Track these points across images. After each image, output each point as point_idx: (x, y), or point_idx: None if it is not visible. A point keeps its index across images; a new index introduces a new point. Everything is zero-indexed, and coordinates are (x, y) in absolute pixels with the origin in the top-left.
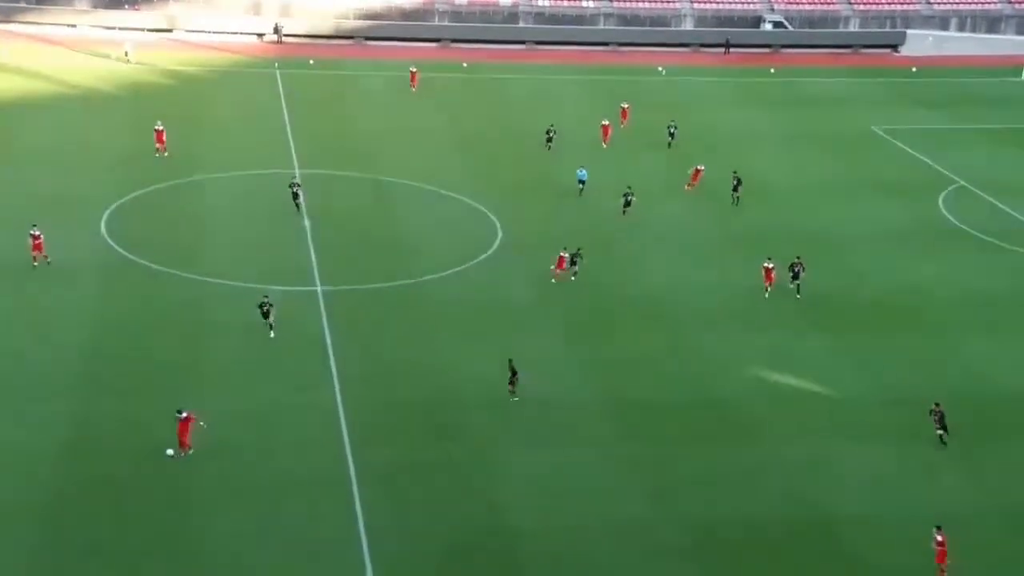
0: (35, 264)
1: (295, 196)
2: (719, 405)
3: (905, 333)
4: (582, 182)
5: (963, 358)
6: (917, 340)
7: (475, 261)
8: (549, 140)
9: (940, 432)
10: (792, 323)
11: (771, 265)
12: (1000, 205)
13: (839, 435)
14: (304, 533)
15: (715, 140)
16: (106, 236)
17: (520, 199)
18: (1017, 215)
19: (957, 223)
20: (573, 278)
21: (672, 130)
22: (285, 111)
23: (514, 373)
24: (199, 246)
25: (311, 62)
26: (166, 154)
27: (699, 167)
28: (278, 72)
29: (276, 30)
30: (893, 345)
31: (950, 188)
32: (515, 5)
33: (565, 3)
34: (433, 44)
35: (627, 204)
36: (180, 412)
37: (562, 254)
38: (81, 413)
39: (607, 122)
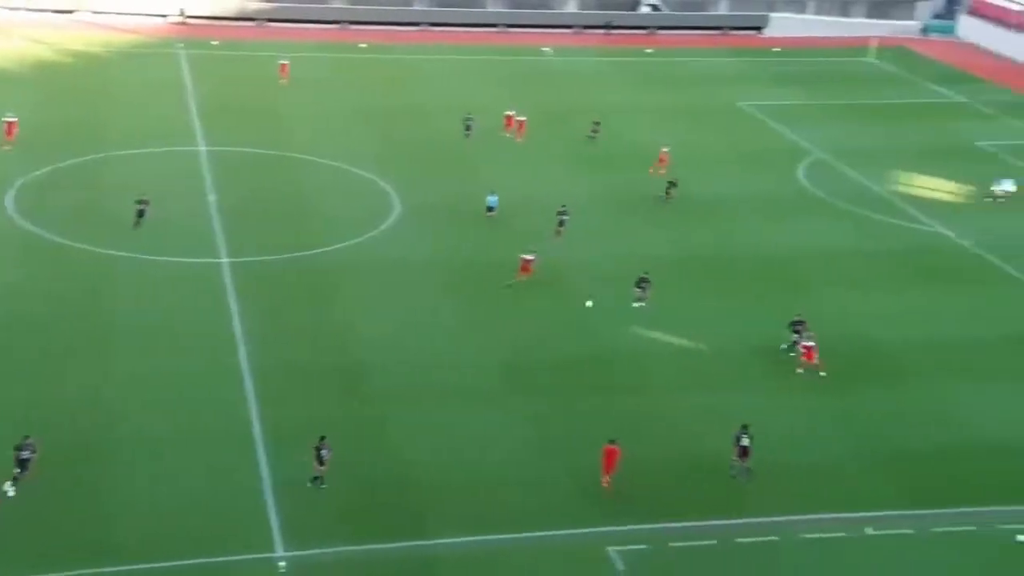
0: None
1: (140, 213)
2: (604, 359)
3: (775, 291)
4: (491, 208)
5: (828, 309)
6: (786, 296)
7: (374, 232)
8: (468, 129)
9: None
10: (679, 284)
11: (812, 344)
12: (851, 174)
13: (726, 387)
14: (211, 488)
15: (600, 116)
16: (12, 212)
17: (417, 173)
18: (867, 182)
19: (814, 190)
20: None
21: (595, 126)
22: (190, 90)
23: (321, 451)
24: (105, 220)
25: (214, 43)
26: (8, 148)
27: (664, 149)
28: (182, 53)
29: (181, 11)
30: (763, 301)
31: (807, 160)
32: None
33: None
34: (332, 26)
35: (560, 224)
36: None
37: (526, 257)
38: None
39: (512, 112)
